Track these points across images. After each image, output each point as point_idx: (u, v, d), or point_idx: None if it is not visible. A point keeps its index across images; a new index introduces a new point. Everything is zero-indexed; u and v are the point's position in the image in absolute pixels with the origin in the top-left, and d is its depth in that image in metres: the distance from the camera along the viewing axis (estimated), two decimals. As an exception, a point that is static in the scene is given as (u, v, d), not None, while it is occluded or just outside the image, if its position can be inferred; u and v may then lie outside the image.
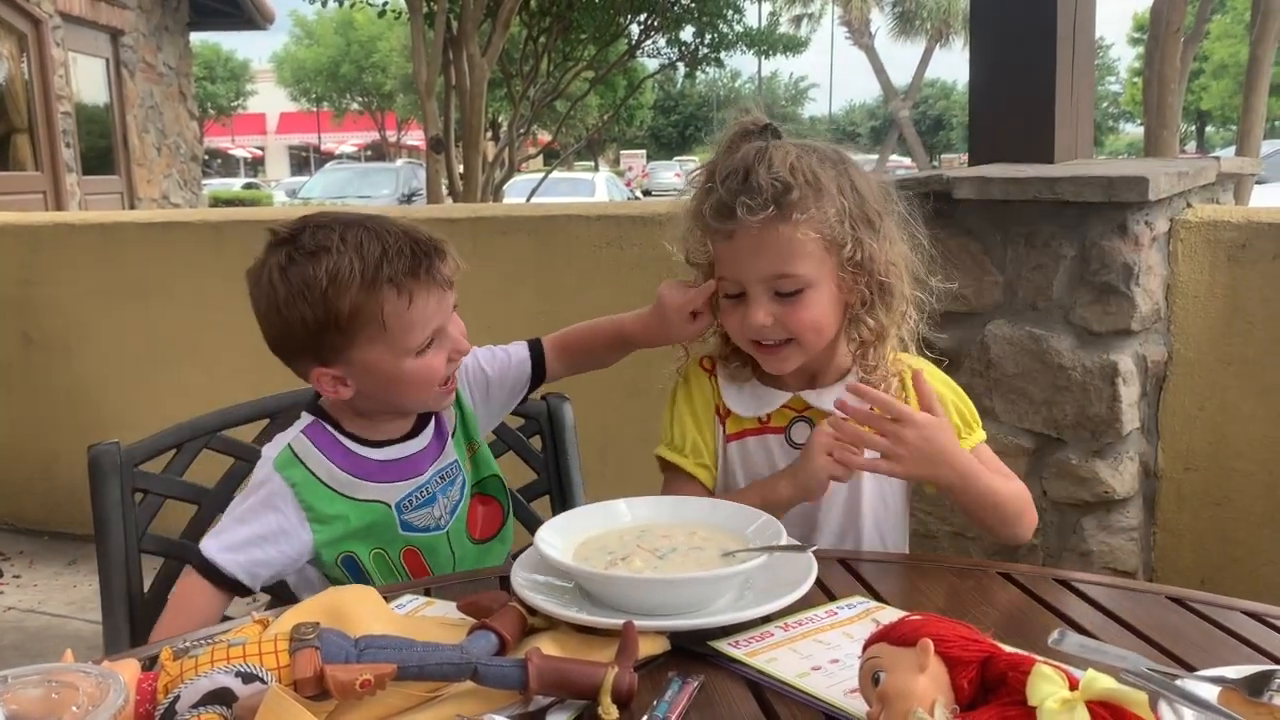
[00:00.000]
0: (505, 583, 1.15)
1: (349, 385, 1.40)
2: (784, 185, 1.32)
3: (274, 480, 1.41)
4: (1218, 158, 2.86)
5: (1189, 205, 2.54)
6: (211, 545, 1.38)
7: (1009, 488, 1.41)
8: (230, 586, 1.39)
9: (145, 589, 1.53)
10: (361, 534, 1.44)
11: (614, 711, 0.91)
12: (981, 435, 1.47)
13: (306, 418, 1.47)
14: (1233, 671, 0.88)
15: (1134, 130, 40.21)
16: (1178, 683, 0.85)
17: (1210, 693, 0.85)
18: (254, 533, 1.39)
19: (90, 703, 0.79)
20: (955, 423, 1.41)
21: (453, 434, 1.54)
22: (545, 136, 15.86)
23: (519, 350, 1.63)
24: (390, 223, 1.40)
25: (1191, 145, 34.92)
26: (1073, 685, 0.77)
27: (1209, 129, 36.63)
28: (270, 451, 1.44)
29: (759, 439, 1.47)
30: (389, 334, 1.35)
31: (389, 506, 1.45)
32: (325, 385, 1.40)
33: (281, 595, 1.53)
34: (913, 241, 1.43)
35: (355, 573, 1.45)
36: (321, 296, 1.32)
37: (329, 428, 1.45)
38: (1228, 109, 28.71)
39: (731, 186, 1.34)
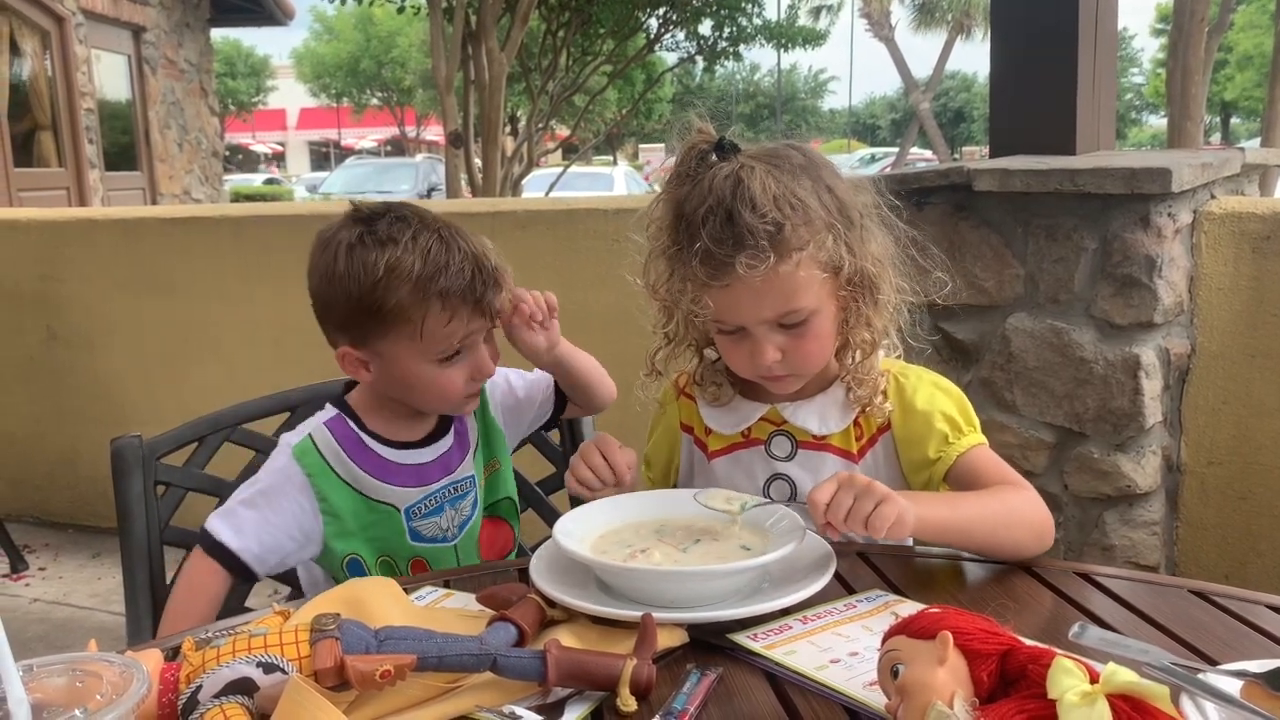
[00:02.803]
0: (524, 575, 1.16)
1: (370, 371, 1.42)
2: (775, 225, 1.22)
3: (291, 467, 1.42)
4: (1242, 149, 2.83)
5: (1213, 197, 2.51)
6: (221, 527, 1.38)
7: (1004, 504, 1.26)
8: (238, 571, 1.39)
9: (168, 580, 1.54)
10: (369, 536, 1.44)
11: (632, 703, 0.91)
12: (977, 439, 1.36)
13: (330, 410, 1.48)
14: (1256, 665, 0.87)
15: (1158, 122, 39.85)
16: (1200, 677, 0.85)
17: (1233, 687, 0.85)
18: (265, 519, 1.39)
19: (114, 692, 0.80)
20: (943, 429, 1.35)
21: (475, 450, 1.53)
22: (564, 131, 15.85)
23: (545, 375, 1.62)
24: (466, 238, 1.40)
25: (1216, 137, 34.56)
26: (1093, 679, 0.76)
27: (1234, 120, 36.26)
28: (290, 439, 1.45)
29: (743, 453, 1.44)
30: (422, 341, 1.37)
31: (398, 511, 1.45)
32: (348, 364, 1.42)
33: (299, 586, 1.54)
34: (893, 232, 1.36)
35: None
36: (373, 285, 1.34)
37: (351, 423, 1.45)
38: (1253, 100, 28.41)
39: (717, 234, 1.23)
